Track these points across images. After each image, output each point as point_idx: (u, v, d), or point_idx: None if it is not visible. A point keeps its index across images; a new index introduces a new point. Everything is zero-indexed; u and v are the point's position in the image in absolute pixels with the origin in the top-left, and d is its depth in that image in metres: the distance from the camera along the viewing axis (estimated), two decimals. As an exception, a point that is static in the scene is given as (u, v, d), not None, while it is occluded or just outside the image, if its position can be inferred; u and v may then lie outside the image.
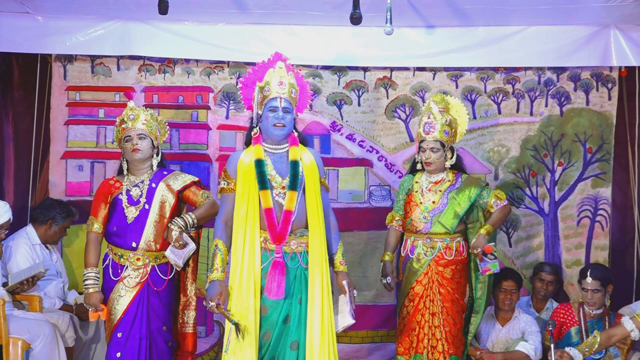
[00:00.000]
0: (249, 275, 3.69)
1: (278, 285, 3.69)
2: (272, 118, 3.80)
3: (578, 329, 4.81)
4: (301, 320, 3.73)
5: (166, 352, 4.26)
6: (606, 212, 5.69)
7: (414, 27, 5.41)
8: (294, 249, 3.79)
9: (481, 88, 5.71)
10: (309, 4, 5.04)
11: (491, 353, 4.84)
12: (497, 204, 4.61)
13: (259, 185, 3.75)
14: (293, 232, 3.78)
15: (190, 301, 4.40)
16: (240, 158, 3.84)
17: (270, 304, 3.71)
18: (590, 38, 5.38)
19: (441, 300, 4.54)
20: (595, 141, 5.69)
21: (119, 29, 5.36)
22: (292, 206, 3.74)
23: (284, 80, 3.83)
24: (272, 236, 3.73)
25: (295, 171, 3.79)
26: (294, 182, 3.77)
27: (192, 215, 4.24)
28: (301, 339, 3.71)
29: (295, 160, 3.82)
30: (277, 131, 3.81)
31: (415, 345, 4.55)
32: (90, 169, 5.63)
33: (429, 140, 4.57)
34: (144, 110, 4.35)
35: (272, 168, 3.81)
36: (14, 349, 4.36)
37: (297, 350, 3.71)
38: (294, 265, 3.77)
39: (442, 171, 4.66)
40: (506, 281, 4.98)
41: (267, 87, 3.83)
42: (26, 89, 5.63)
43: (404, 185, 4.77)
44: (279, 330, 3.72)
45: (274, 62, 3.91)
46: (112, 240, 4.27)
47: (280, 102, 3.81)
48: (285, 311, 3.72)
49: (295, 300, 3.74)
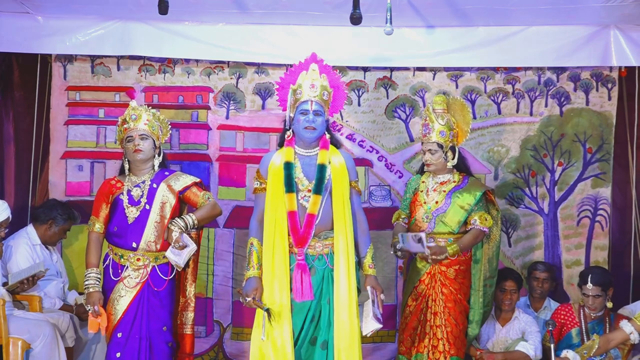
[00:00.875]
0: (280, 276, 3.75)
1: (303, 288, 3.74)
2: (303, 121, 3.84)
3: (579, 330, 4.81)
4: (331, 320, 3.78)
5: (166, 353, 4.25)
6: (606, 212, 5.69)
7: (414, 27, 5.41)
8: (319, 251, 3.83)
9: (481, 88, 5.71)
10: (309, 4, 5.04)
11: (491, 353, 4.84)
12: (475, 223, 4.56)
13: (286, 188, 3.81)
14: (317, 235, 3.82)
15: (189, 302, 4.39)
16: (272, 159, 3.91)
17: (297, 304, 3.76)
18: (590, 38, 5.38)
19: (443, 300, 4.54)
20: (595, 141, 5.69)
21: (119, 29, 5.36)
22: (315, 210, 3.78)
23: (316, 83, 3.87)
24: (295, 239, 3.78)
25: (321, 175, 3.83)
26: (319, 185, 3.81)
27: (193, 216, 4.24)
28: (330, 339, 3.76)
29: (323, 164, 3.85)
30: (308, 134, 3.85)
31: (416, 344, 4.55)
32: (90, 169, 5.63)
33: (427, 142, 4.61)
34: (146, 110, 4.34)
35: (300, 171, 3.87)
36: (14, 349, 4.36)
37: (326, 350, 3.76)
38: (321, 266, 3.82)
39: (449, 172, 4.67)
40: (506, 281, 4.98)
41: (299, 90, 3.88)
42: (26, 89, 5.63)
43: (411, 184, 4.79)
44: (306, 330, 3.78)
45: (308, 64, 3.95)
46: (113, 241, 4.26)
47: (311, 105, 3.85)
48: (312, 311, 3.78)
49: (324, 301, 3.80)
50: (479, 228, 4.57)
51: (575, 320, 4.85)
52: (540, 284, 5.30)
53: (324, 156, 3.88)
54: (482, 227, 4.58)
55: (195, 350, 4.55)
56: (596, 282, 4.72)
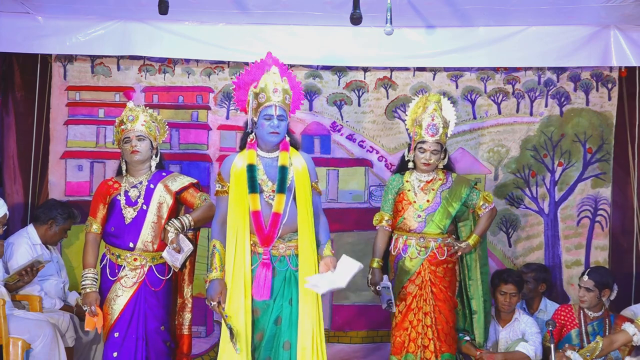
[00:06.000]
0: (240, 276, 3.75)
1: (263, 286, 3.75)
2: (267, 126, 3.84)
3: (578, 332, 4.80)
4: (292, 320, 3.78)
5: (165, 353, 4.26)
6: (606, 212, 5.69)
7: (414, 27, 5.41)
8: (282, 252, 3.84)
9: (481, 88, 5.71)
10: (309, 4, 5.03)
11: (491, 353, 4.84)
12: (486, 207, 4.65)
13: (249, 189, 3.81)
14: (282, 237, 3.83)
15: (186, 303, 4.40)
16: (233, 162, 3.91)
17: (260, 305, 3.78)
18: (590, 38, 5.38)
19: (433, 299, 4.55)
20: (595, 141, 5.69)
21: (119, 29, 5.36)
22: (280, 209, 3.79)
23: (278, 87, 3.86)
24: (260, 239, 3.79)
25: (282, 175, 3.84)
26: (282, 185, 3.82)
27: (189, 217, 4.25)
28: (293, 339, 3.77)
29: (284, 166, 3.86)
30: (273, 138, 3.86)
31: (407, 344, 4.56)
32: (90, 169, 5.63)
33: (432, 142, 4.57)
34: (143, 111, 4.34)
35: (264, 173, 3.87)
36: (14, 349, 4.36)
37: (289, 351, 3.77)
38: (282, 267, 3.83)
39: (433, 170, 4.67)
40: (506, 284, 4.97)
41: (261, 94, 3.86)
42: (26, 89, 5.63)
43: (393, 184, 4.73)
44: (270, 331, 3.78)
45: (267, 64, 3.93)
46: (110, 241, 4.27)
47: (275, 110, 3.84)
48: (275, 312, 3.79)
49: (286, 302, 3.80)
50: (488, 209, 4.66)
51: (575, 321, 4.85)
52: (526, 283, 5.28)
53: (285, 158, 3.88)
54: (489, 205, 4.66)
55: (195, 350, 4.57)
56: (591, 277, 4.73)
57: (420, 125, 4.60)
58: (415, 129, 4.64)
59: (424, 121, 4.59)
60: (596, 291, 4.74)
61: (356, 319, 5.58)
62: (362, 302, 5.57)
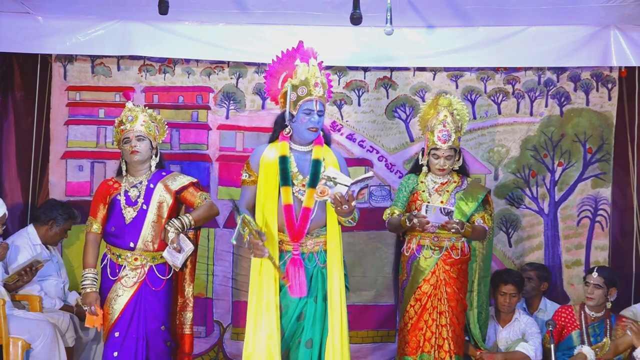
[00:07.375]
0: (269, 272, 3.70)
1: (300, 283, 3.71)
2: (307, 121, 3.79)
3: (579, 333, 4.79)
4: (316, 318, 3.75)
5: (165, 352, 4.26)
6: (606, 212, 5.69)
7: (414, 27, 5.41)
8: (311, 248, 3.80)
9: (481, 88, 5.71)
10: (309, 4, 5.04)
11: (491, 353, 4.84)
12: (481, 223, 4.59)
13: (281, 182, 3.76)
14: (310, 232, 3.79)
15: (187, 302, 4.39)
16: (263, 153, 3.86)
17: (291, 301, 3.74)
18: (590, 38, 5.39)
19: (447, 299, 4.54)
20: (595, 141, 5.69)
21: (119, 29, 5.36)
22: (310, 204, 3.73)
23: (319, 81, 3.82)
24: (290, 233, 3.74)
25: (316, 169, 3.78)
26: (314, 180, 3.75)
27: (190, 217, 4.24)
28: (315, 337, 3.74)
29: (318, 159, 3.82)
30: (310, 135, 3.82)
31: (422, 344, 4.54)
32: (90, 169, 5.63)
33: (445, 149, 4.55)
34: (142, 111, 4.34)
35: (295, 165, 3.82)
36: (14, 349, 4.36)
37: (311, 349, 3.74)
38: (310, 264, 3.79)
39: (448, 173, 4.66)
40: (506, 285, 4.98)
41: (302, 87, 3.80)
42: (27, 89, 5.63)
43: (408, 183, 4.70)
44: (292, 327, 3.75)
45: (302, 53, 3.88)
46: (110, 241, 4.27)
47: (316, 105, 3.79)
48: (300, 309, 3.76)
49: (311, 299, 3.77)
50: (484, 227, 4.60)
51: (575, 322, 4.84)
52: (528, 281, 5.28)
53: (319, 152, 3.84)
54: (486, 226, 4.61)
55: (195, 350, 4.56)
56: (601, 274, 4.75)
57: (432, 131, 4.57)
58: (428, 135, 4.62)
59: (435, 128, 4.56)
60: (605, 288, 4.74)
61: (356, 319, 5.57)
62: (362, 302, 5.57)
